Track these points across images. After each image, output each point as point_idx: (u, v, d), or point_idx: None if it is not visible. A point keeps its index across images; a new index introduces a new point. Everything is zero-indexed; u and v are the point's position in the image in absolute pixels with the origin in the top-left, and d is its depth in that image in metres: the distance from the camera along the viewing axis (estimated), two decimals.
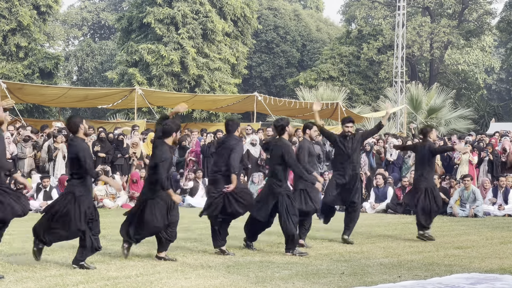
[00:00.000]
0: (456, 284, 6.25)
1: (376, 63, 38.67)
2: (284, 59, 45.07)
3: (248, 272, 7.38)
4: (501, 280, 6.76)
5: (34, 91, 23.24)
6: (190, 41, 34.51)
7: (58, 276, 7.05)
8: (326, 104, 26.15)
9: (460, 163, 16.83)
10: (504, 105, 41.43)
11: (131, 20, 35.91)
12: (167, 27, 34.54)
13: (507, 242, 10.07)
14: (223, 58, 35.86)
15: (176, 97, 27.19)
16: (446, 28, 38.74)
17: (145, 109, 29.73)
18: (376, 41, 38.81)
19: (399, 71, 31.79)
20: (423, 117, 30.14)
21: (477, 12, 41.95)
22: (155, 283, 6.73)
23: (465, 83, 43.80)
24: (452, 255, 8.71)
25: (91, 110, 40.47)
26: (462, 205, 14.37)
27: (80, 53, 49.24)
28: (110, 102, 24.64)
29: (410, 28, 37.66)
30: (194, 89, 34.10)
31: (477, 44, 44.60)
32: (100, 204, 15.80)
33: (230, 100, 27.30)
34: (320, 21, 52.17)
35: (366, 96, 38.79)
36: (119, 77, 35.13)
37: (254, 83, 44.76)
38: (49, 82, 33.32)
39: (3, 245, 9.14)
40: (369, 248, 9.36)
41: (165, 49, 33.74)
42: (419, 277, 7.04)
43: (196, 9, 35.01)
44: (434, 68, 41.47)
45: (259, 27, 41.77)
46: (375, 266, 7.78)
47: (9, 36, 33.37)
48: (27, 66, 33.51)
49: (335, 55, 39.68)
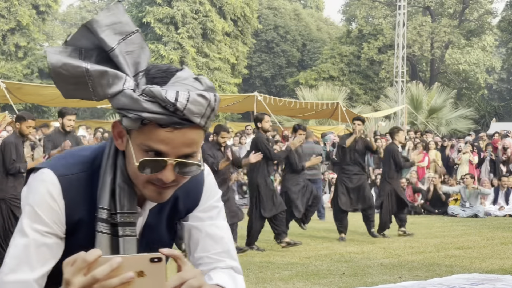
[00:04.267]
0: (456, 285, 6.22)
1: (376, 63, 38.64)
2: (284, 58, 45.05)
3: (248, 273, 7.34)
4: (502, 281, 6.72)
5: (33, 91, 23.20)
6: (189, 41, 34.50)
7: None
8: (326, 104, 26.12)
9: (460, 163, 16.79)
10: (505, 105, 41.37)
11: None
12: (166, 26, 34.54)
13: (508, 243, 10.02)
14: (223, 57, 35.86)
15: None
16: (447, 27, 38.71)
17: None
18: (377, 40, 38.78)
19: (399, 70, 31.76)
20: (424, 117, 30.10)
21: (478, 12, 41.92)
22: None
23: (466, 83, 43.78)
24: (452, 255, 8.67)
25: (91, 110, 40.42)
26: (463, 204, 14.33)
27: None
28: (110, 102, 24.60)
29: (410, 28, 37.63)
30: None
31: (478, 43, 44.56)
32: None
33: (230, 100, 27.25)
34: (320, 21, 52.16)
35: (367, 96, 38.76)
36: None
37: (254, 83, 44.75)
38: (49, 82, 33.28)
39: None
40: (369, 248, 9.32)
41: (164, 49, 33.74)
42: (419, 277, 7.00)
43: (195, 8, 35.01)
44: (434, 67, 41.44)
45: (259, 27, 41.75)
46: (376, 266, 7.74)
47: (8, 35, 33.37)
48: (26, 65, 33.52)
49: (335, 54, 39.65)
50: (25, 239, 1.46)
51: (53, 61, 1.39)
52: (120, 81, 1.40)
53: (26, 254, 1.45)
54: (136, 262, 1.24)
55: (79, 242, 1.49)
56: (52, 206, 1.48)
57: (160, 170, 1.42)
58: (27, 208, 1.48)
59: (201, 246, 1.65)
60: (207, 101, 1.39)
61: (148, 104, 1.36)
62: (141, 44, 1.44)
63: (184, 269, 1.31)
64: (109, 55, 1.41)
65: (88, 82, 1.40)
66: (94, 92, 1.42)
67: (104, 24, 1.40)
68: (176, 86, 1.38)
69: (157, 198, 1.49)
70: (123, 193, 1.49)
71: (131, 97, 1.38)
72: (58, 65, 1.39)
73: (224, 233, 1.68)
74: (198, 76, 1.44)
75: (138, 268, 1.23)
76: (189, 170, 1.45)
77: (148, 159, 1.41)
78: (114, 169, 1.50)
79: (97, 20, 1.41)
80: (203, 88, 1.41)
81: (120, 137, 1.49)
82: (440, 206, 14.81)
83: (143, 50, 1.44)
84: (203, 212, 1.66)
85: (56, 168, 1.51)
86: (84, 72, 1.39)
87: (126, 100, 1.39)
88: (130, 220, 1.50)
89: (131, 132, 1.44)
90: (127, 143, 1.46)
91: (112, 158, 1.51)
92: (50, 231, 1.48)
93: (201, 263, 1.66)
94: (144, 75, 1.42)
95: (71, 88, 1.43)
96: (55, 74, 1.40)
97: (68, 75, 1.40)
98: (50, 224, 1.48)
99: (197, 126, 1.41)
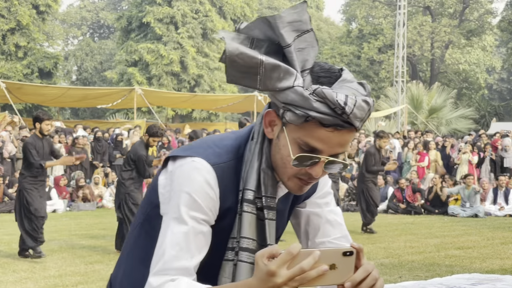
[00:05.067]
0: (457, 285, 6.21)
1: (376, 63, 38.64)
2: None
3: None
4: (502, 281, 6.69)
5: (33, 91, 23.22)
6: (189, 41, 34.48)
7: (57, 277, 7.02)
8: None
9: (460, 163, 16.78)
10: (505, 105, 41.37)
11: (131, 20, 35.88)
12: (166, 26, 34.51)
13: (508, 243, 10.02)
14: None
15: (175, 97, 27.18)
16: (447, 27, 38.71)
17: (145, 109, 29.71)
18: (377, 40, 38.78)
19: (399, 70, 31.76)
20: (424, 116, 30.10)
21: (478, 12, 41.92)
22: None
23: (466, 83, 43.78)
24: (453, 255, 8.67)
25: (91, 110, 40.44)
26: (463, 204, 14.33)
27: (80, 52, 49.23)
28: (110, 102, 24.62)
29: (411, 28, 37.63)
30: (194, 89, 34.07)
31: (478, 43, 44.55)
32: (99, 204, 15.78)
33: (230, 99, 27.27)
34: (320, 21, 52.16)
35: None
36: (118, 76, 35.10)
37: None
38: (48, 81, 33.29)
39: (3, 245, 9.12)
40: (369, 248, 9.32)
41: (164, 49, 33.71)
42: (419, 277, 7.00)
43: (195, 8, 34.99)
44: (435, 67, 41.44)
45: None
46: (376, 266, 7.72)
47: (8, 35, 33.33)
48: (26, 65, 33.47)
49: (335, 54, 39.66)
50: (185, 227, 1.48)
51: (231, 48, 1.44)
52: (291, 77, 1.45)
53: (186, 242, 1.48)
54: (330, 255, 1.31)
55: (224, 228, 1.55)
56: (210, 194, 1.51)
57: (311, 166, 1.49)
58: (184, 195, 1.50)
59: (321, 232, 1.72)
60: (368, 106, 1.45)
61: (317, 104, 1.42)
62: (312, 42, 1.49)
63: (363, 262, 1.39)
64: (284, 50, 1.47)
65: (258, 73, 1.45)
66: (261, 83, 1.46)
67: (287, 21, 1.46)
68: (344, 90, 1.44)
69: (298, 190, 1.55)
70: (267, 177, 1.55)
71: (301, 95, 1.43)
72: (235, 53, 1.44)
73: (341, 219, 1.76)
74: (361, 82, 1.50)
75: (331, 261, 1.30)
76: (336, 167, 1.51)
77: (304, 155, 1.47)
78: (261, 155, 1.56)
79: (281, 16, 1.46)
80: (366, 93, 1.47)
81: (271, 126, 1.54)
82: (440, 206, 14.80)
83: (313, 49, 1.49)
84: (321, 199, 1.74)
85: (208, 157, 1.54)
86: (258, 63, 1.44)
87: (295, 97, 1.44)
88: (271, 204, 1.55)
89: (287, 125, 1.49)
90: (279, 133, 1.52)
91: (260, 144, 1.56)
92: (206, 219, 1.51)
93: None
94: (309, 72, 1.48)
95: (239, 76, 1.47)
96: (229, 61, 1.45)
97: (242, 63, 1.45)
98: (207, 212, 1.51)
99: (354, 129, 1.47)
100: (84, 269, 7.41)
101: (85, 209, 14.99)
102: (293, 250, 1.28)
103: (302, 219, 1.74)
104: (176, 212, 1.49)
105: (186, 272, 1.46)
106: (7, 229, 10.61)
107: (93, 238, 9.95)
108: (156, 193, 1.59)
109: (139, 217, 1.67)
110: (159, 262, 1.47)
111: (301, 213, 1.73)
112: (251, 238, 1.53)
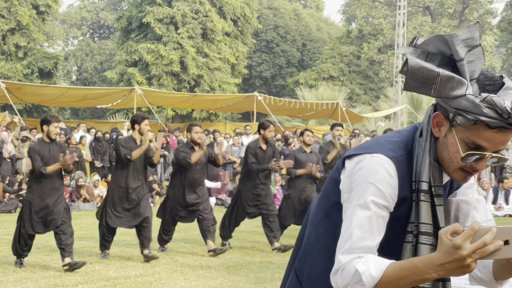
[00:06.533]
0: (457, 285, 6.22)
1: (376, 63, 38.63)
2: (284, 58, 45.05)
3: (248, 273, 7.34)
4: None
5: (33, 91, 23.21)
6: (189, 41, 34.46)
7: (57, 277, 7.02)
8: (326, 104, 26.11)
9: None
10: None
11: (131, 20, 35.86)
12: (166, 26, 34.51)
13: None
14: (223, 57, 35.82)
15: (175, 97, 27.17)
16: (447, 27, 38.72)
17: (145, 109, 29.70)
18: (377, 40, 38.78)
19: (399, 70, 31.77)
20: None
21: (478, 12, 41.94)
22: (155, 284, 6.69)
23: None
24: None
25: (91, 110, 40.46)
26: None
27: (80, 52, 49.22)
28: (110, 102, 24.61)
29: (410, 28, 37.63)
30: (194, 89, 34.07)
31: None
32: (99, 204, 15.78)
33: (230, 100, 27.25)
34: (320, 21, 52.15)
35: (367, 96, 38.76)
36: (118, 76, 35.08)
37: (254, 82, 44.74)
38: (48, 82, 33.28)
39: (3, 245, 9.11)
40: None
41: (164, 49, 33.70)
42: None
43: (195, 8, 34.98)
44: None
45: (259, 27, 41.73)
46: None
47: (8, 35, 33.33)
48: (26, 65, 33.46)
49: (335, 54, 39.65)
50: (368, 212, 1.74)
51: (413, 63, 1.70)
52: (462, 87, 1.70)
53: (369, 225, 1.73)
54: (504, 232, 1.52)
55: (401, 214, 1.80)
56: (391, 184, 1.77)
57: (477, 161, 1.76)
58: (369, 185, 1.75)
59: (471, 217, 1.98)
60: None
61: (486, 110, 1.67)
62: (479, 55, 1.75)
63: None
64: (457, 63, 1.73)
65: (434, 83, 1.71)
66: (435, 91, 1.72)
67: (461, 39, 1.72)
68: (508, 96, 1.69)
69: (463, 180, 1.83)
70: (434, 169, 1.82)
71: (473, 102, 1.69)
72: (416, 67, 1.70)
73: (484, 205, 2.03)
74: None
75: (505, 237, 1.51)
76: (497, 161, 1.77)
77: (473, 152, 1.74)
78: (430, 151, 1.82)
79: (457, 35, 1.72)
80: None
81: (438, 126, 1.81)
82: None
83: (480, 61, 1.75)
84: (468, 189, 2.01)
85: (386, 152, 1.80)
86: (435, 76, 1.70)
87: (467, 104, 1.69)
88: (440, 191, 1.83)
89: (455, 126, 1.76)
90: (447, 133, 1.79)
91: (428, 141, 1.83)
92: (386, 205, 1.76)
93: None
94: (476, 81, 1.74)
95: (416, 86, 1.73)
96: (410, 73, 1.71)
97: (421, 76, 1.71)
98: (388, 199, 1.77)
99: None
100: (84, 269, 7.40)
101: (85, 209, 15.00)
102: (475, 226, 1.51)
103: (452, 207, 2.00)
104: (360, 199, 1.75)
105: (370, 251, 1.72)
106: (7, 229, 10.61)
107: (93, 238, 9.95)
108: (334, 190, 1.87)
109: (316, 216, 1.94)
110: (347, 242, 1.72)
111: (451, 201, 1.99)
112: (428, 223, 1.79)
